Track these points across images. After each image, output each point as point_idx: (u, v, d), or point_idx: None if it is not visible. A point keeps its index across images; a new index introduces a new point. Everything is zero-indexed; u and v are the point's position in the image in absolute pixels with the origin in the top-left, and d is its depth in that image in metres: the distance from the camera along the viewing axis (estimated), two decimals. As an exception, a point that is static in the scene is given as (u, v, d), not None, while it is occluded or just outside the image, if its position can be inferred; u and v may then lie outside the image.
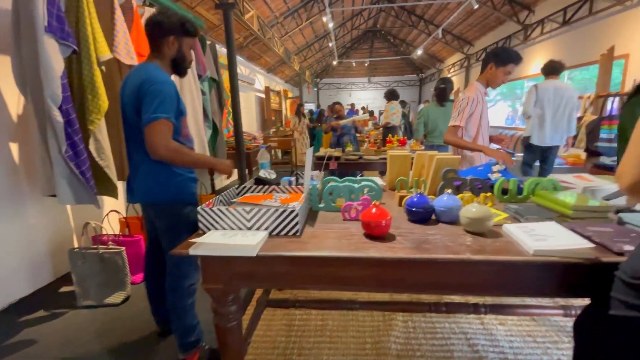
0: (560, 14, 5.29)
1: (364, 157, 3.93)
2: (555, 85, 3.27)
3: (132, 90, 1.34)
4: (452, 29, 8.94)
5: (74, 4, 1.83)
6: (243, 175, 4.30)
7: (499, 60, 2.07)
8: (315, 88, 16.49)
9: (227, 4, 3.60)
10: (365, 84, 16.71)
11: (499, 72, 2.09)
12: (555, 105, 3.27)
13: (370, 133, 4.77)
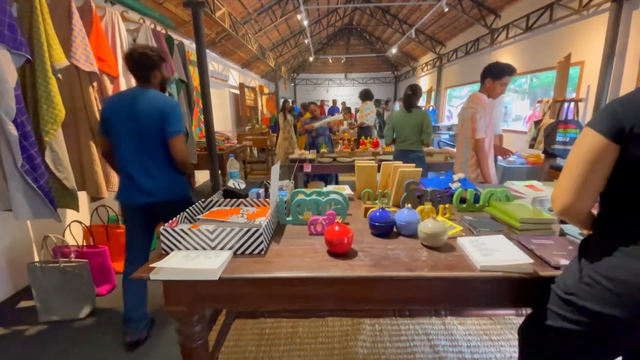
0: (523, 20, 5.55)
1: (337, 159, 3.99)
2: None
3: (152, 112, 1.70)
4: (425, 29, 9.14)
5: (28, 9, 1.72)
6: (215, 176, 4.23)
7: (494, 74, 2.34)
8: (292, 83, 16.36)
9: (196, 2, 3.49)
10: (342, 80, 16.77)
11: (496, 85, 2.35)
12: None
13: (344, 135, 4.81)
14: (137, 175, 1.75)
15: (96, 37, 2.15)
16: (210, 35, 6.14)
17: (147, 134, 1.71)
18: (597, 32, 4.15)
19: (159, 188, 1.77)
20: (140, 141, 1.72)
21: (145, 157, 1.74)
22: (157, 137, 1.72)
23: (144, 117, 1.69)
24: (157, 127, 1.70)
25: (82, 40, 1.93)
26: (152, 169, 1.76)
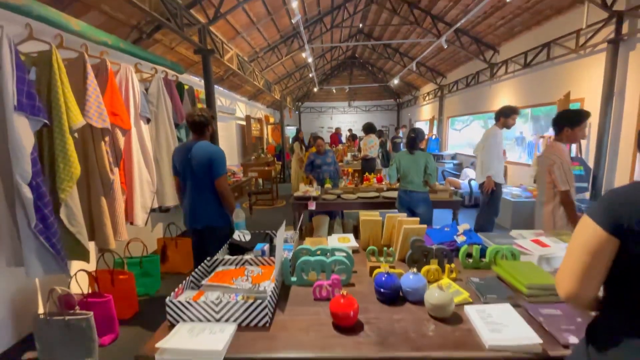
0: (522, 56, 5.72)
1: (342, 197, 4.01)
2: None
3: (204, 157, 2.29)
4: (426, 61, 9.43)
5: (47, 73, 1.83)
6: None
7: (573, 123, 2.35)
8: (297, 112, 16.74)
9: (206, 50, 3.67)
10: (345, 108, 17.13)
11: (576, 132, 2.36)
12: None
13: (348, 170, 4.85)
14: (193, 206, 2.36)
15: (111, 93, 2.26)
16: (219, 72, 6.40)
17: (200, 175, 2.31)
18: (595, 70, 4.25)
19: (206, 217, 2.35)
20: (196, 180, 2.33)
21: (198, 193, 2.34)
22: (207, 177, 2.31)
23: (197, 162, 2.29)
24: (207, 169, 2.29)
25: (95, 99, 2.04)
26: (203, 202, 2.35)
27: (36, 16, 1.95)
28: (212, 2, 4.00)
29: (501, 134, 3.77)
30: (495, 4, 5.20)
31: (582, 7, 4.33)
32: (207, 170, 2.29)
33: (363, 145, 6.70)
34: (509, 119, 3.68)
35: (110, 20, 3.37)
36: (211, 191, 2.34)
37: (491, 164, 3.75)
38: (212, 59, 4.14)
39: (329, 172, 4.88)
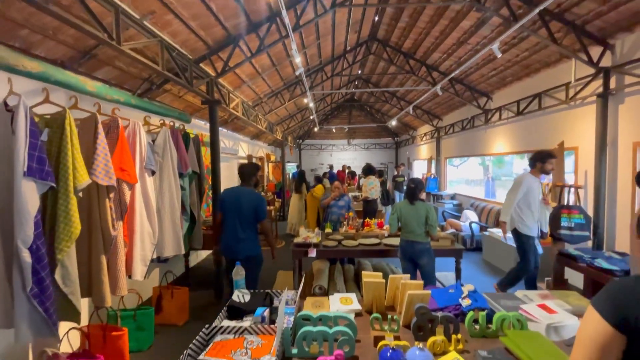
0: (514, 104, 5.96)
1: (342, 243, 3.98)
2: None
3: (252, 202, 3.00)
4: (422, 105, 9.80)
5: (58, 134, 1.90)
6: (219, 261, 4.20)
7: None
8: (298, 149, 17.07)
9: (213, 100, 3.83)
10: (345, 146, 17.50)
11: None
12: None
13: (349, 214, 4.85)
14: (237, 240, 2.98)
15: (120, 150, 2.33)
16: (224, 116, 6.62)
17: (245, 216, 2.99)
18: (587, 121, 4.40)
19: (245, 249, 2.99)
20: (240, 219, 2.98)
21: (240, 230, 2.98)
22: (251, 217, 3.01)
23: (244, 205, 2.98)
24: (252, 212, 3.00)
25: (103, 157, 2.09)
26: (242, 237, 2.99)
27: (54, 81, 2.07)
28: (221, 57, 4.24)
29: (535, 181, 3.54)
30: (486, 56, 5.52)
31: (570, 61, 4.59)
32: (252, 213, 2.99)
33: (364, 187, 6.76)
34: (546, 164, 3.49)
35: (123, 74, 3.56)
36: (252, 229, 3.04)
37: (508, 210, 3.57)
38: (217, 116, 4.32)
39: (338, 215, 4.86)
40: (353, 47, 7.45)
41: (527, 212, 3.52)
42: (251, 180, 3.12)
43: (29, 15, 2.40)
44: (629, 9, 3.48)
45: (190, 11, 3.27)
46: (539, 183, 3.61)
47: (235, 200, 2.98)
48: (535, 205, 3.52)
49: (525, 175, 3.61)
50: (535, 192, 3.53)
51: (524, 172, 3.72)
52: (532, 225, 3.54)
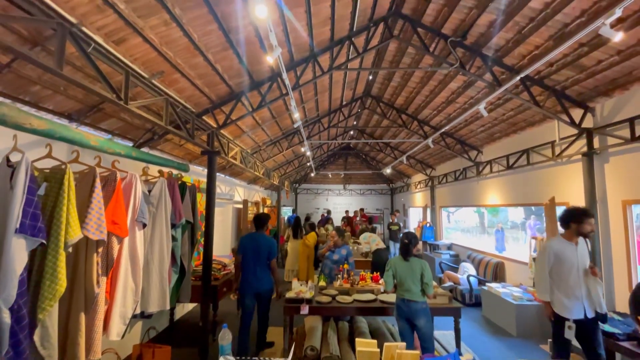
0: (504, 158, 6.18)
1: (336, 299, 3.83)
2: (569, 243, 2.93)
3: (267, 244, 3.74)
4: (415, 155, 10.11)
5: (56, 189, 1.91)
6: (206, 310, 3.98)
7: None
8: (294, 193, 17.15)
9: (212, 151, 3.93)
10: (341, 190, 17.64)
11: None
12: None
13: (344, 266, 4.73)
14: (252, 278, 3.67)
15: (115, 203, 2.33)
16: (222, 163, 6.74)
17: (262, 256, 3.70)
18: (575, 177, 4.54)
19: (262, 285, 3.70)
20: (260, 260, 3.70)
21: (262, 268, 3.72)
22: (266, 259, 3.72)
23: (262, 248, 3.71)
24: (267, 254, 3.71)
25: (97, 212, 2.09)
26: (260, 275, 3.70)
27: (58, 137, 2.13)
28: (223, 110, 4.45)
29: (568, 246, 2.86)
30: (474, 114, 5.83)
31: (554, 121, 4.86)
32: (266, 254, 3.72)
33: (364, 244, 6.77)
34: (583, 225, 2.80)
35: (126, 125, 3.69)
36: (267, 267, 3.76)
37: (542, 284, 2.92)
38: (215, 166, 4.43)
39: (330, 268, 4.72)
40: (349, 102, 7.88)
41: (560, 285, 2.86)
42: (264, 227, 3.91)
43: (42, 73, 2.55)
44: (606, 77, 3.78)
45: (197, 71, 3.50)
46: (575, 247, 2.87)
47: (253, 244, 3.71)
48: (572, 276, 2.82)
49: (554, 239, 2.99)
50: (570, 260, 2.84)
51: (554, 237, 3.08)
52: (568, 304, 2.80)
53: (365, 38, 4.59)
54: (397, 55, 5.56)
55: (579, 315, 2.77)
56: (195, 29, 2.94)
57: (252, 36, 3.44)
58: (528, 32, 3.71)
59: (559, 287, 2.86)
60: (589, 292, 2.80)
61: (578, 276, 2.83)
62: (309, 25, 3.74)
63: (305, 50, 4.31)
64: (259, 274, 3.66)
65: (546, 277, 2.91)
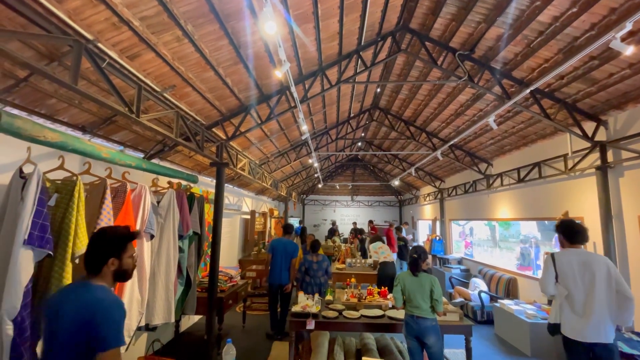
0: (515, 171, 6.08)
1: (343, 314, 3.75)
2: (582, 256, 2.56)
3: (292, 247, 5.01)
4: (424, 167, 10.04)
5: (66, 201, 1.95)
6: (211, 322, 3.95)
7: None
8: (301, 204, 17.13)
9: (221, 163, 3.97)
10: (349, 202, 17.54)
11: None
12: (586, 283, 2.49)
13: (351, 280, 4.67)
14: (278, 272, 4.81)
15: (124, 214, 2.36)
16: (230, 174, 6.80)
17: (288, 256, 4.88)
18: (590, 192, 4.41)
19: (284, 279, 4.81)
20: (286, 259, 4.86)
21: (287, 266, 4.84)
22: (291, 257, 4.90)
23: (287, 249, 4.88)
24: (292, 253, 4.90)
25: (106, 223, 2.11)
26: (284, 270, 4.82)
27: (71, 149, 2.18)
28: (232, 122, 4.51)
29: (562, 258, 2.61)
30: (484, 126, 5.79)
31: (566, 134, 4.77)
32: (290, 255, 4.90)
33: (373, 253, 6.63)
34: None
35: (138, 137, 3.77)
36: (289, 265, 4.89)
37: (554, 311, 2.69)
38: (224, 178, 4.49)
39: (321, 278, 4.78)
40: (356, 114, 7.92)
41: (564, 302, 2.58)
42: (291, 232, 5.28)
43: (58, 87, 2.63)
44: (618, 90, 3.72)
45: (207, 85, 3.57)
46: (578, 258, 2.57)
47: (282, 246, 4.92)
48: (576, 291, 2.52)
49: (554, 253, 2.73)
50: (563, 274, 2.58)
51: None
52: (575, 323, 2.48)
53: (373, 52, 4.65)
54: (405, 69, 5.59)
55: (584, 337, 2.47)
56: (206, 44, 3.01)
57: (262, 51, 3.51)
58: (537, 46, 3.69)
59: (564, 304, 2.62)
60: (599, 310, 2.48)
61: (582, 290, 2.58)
62: (318, 40, 3.80)
63: (314, 64, 4.37)
64: (283, 270, 4.82)
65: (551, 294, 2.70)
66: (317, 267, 4.75)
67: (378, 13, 4.01)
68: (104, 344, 1.29)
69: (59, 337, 1.30)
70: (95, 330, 1.29)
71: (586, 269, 2.51)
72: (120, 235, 1.47)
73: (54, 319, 1.32)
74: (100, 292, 1.37)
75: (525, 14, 3.39)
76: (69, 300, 1.34)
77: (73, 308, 1.32)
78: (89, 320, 1.29)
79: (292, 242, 5.03)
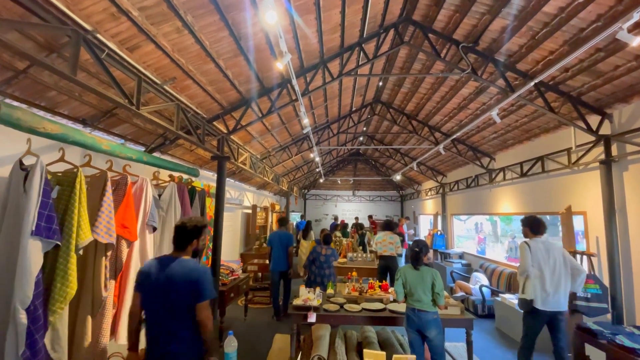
0: (518, 165, 6.04)
1: (344, 307, 3.76)
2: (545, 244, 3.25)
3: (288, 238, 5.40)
4: (426, 161, 10.00)
5: (67, 193, 1.94)
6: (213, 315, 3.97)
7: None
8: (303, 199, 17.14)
9: (222, 156, 3.96)
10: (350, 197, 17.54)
11: None
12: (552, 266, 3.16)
13: (353, 274, 4.67)
14: (277, 260, 5.24)
15: (125, 207, 2.35)
16: (232, 168, 6.79)
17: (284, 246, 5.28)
18: (593, 186, 4.38)
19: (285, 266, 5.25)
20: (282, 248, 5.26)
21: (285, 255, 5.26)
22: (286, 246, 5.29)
23: (283, 240, 5.30)
24: (287, 242, 5.29)
25: (107, 215, 2.11)
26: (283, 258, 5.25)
27: (71, 142, 2.17)
28: (233, 116, 4.49)
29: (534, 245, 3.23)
30: (486, 120, 5.74)
31: (570, 128, 4.72)
32: (286, 245, 5.25)
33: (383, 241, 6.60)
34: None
35: (139, 130, 3.75)
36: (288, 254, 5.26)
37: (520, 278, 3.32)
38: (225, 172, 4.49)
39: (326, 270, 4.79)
40: (358, 108, 7.87)
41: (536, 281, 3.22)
42: (287, 226, 5.62)
43: (58, 80, 2.61)
44: (623, 82, 3.66)
45: (208, 77, 3.54)
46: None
47: (279, 238, 5.31)
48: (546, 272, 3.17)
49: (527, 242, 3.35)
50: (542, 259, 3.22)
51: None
52: (544, 298, 3.16)
53: (376, 44, 4.59)
54: (408, 62, 5.53)
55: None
56: (207, 36, 2.98)
57: (263, 43, 3.47)
58: (542, 37, 3.64)
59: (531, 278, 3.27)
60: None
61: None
62: (319, 31, 3.76)
63: (315, 57, 4.32)
64: (282, 259, 5.24)
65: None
66: (324, 260, 4.79)
67: (380, 4, 3.96)
68: (202, 297, 1.85)
69: (172, 294, 1.82)
70: (197, 288, 1.84)
71: (549, 254, 3.19)
72: (199, 225, 2.02)
73: (168, 282, 1.82)
74: (194, 263, 1.94)
75: (530, 4, 3.33)
76: (177, 270, 1.86)
77: (183, 273, 1.85)
78: (195, 281, 1.84)
79: (287, 233, 5.45)
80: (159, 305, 1.82)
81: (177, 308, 1.82)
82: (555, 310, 3.11)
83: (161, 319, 1.84)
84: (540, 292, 3.14)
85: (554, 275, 3.14)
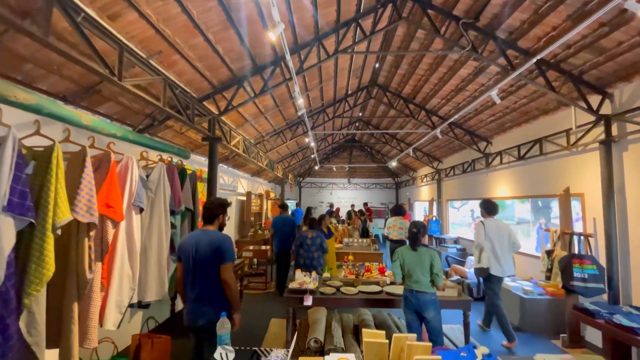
0: (515, 149, 5.97)
1: (340, 290, 3.71)
2: (496, 223, 4.21)
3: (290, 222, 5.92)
4: (422, 147, 9.91)
5: (44, 168, 1.80)
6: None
7: None
8: (298, 186, 17.04)
9: (213, 138, 3.81)
10: (345, 184, 17.49)
11: None
12: (500, 241, 4.06)
13: (349, 257, 4.62)
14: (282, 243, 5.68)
15: (109, 185, 2.22)
16: (225, 153, 6.62)
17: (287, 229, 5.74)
18: (591, 167, 4.33)
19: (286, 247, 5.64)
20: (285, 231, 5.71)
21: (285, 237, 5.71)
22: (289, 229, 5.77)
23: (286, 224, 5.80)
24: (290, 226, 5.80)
25: (87, 193, 1.96)
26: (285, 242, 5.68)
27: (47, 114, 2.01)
28: (225, 96, 4.31)
29: (488, 223, 4.18)
30: (484, 103, 5.63)
31: (570, 108, 4.64)
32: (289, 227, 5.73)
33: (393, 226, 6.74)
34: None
35: (125, 109, 3.57)
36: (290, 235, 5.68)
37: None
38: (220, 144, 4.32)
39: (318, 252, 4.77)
40: (354, 91, 7.69)
41: (490, 253, 4.13)
42: (288, 210, 5.95)
43: (35, 51, 2.42)
44: (626, 60, 3.57)
45: (197, 52, 3.36)
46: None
47: (282, 222, 5.75)
48: (498, 245, 4.11)
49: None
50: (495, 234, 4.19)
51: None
52: (497, 265, 4.06)
53: (373, 20, 4.41)
54: (406, 41, 5.36)
55: None
56: (194, 4, 2.79)
57: (254, 14, 3.28)
58: (545, 12, 3.50)
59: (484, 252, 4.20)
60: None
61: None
62: (314, 4, 3.57)
63: (310, 32, 4.14)
64: (284, 241, 5.62)
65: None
66: (311, 243, 4.72)
67: (378, -23, 3.78)
68: (224, 259, 2.27)
69: (199, 257, 2.27)
70: (221, 251, 2.26)
71: (499, 231, 4.10)
72: (224, 203, 2.53)
73: (196, 249, 2.28)
74: (218, 233, 2.40)
75: (535, -25, 3.19)
76: (204, 238, 2.32)
77: (209, 240, 2.30)
78: (218, 246, 2.27)
79: (289, 218, 5.99)
80: (193, 270, 2.26)
81: (207, 270, 2.23)
82: (505, 276, 4.09)
83: (196, 281, 2.25)
84: (493, 261, 4.02)
85: (502, 248, 4.03)
